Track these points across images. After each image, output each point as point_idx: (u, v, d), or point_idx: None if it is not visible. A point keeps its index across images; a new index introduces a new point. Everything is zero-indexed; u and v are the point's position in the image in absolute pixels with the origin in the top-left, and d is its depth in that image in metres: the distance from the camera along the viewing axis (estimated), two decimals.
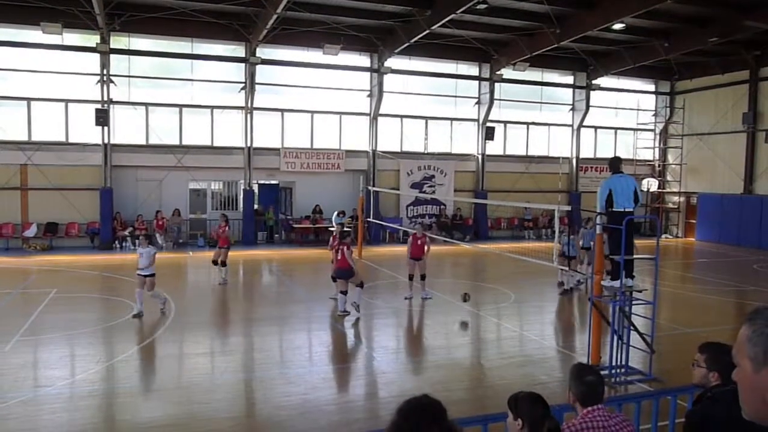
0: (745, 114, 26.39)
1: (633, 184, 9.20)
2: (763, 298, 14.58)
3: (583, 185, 28.86)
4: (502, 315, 13.26)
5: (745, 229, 25.73)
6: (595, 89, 28.44)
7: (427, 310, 13.36)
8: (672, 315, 13.46)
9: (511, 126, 28.31)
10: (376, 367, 9.70)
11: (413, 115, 26.57)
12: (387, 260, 20.05)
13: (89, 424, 7.17)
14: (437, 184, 26.68)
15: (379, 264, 17.95)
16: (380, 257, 20.10)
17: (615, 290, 8.82)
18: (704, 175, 28.73)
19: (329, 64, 24.27)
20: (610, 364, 8.84)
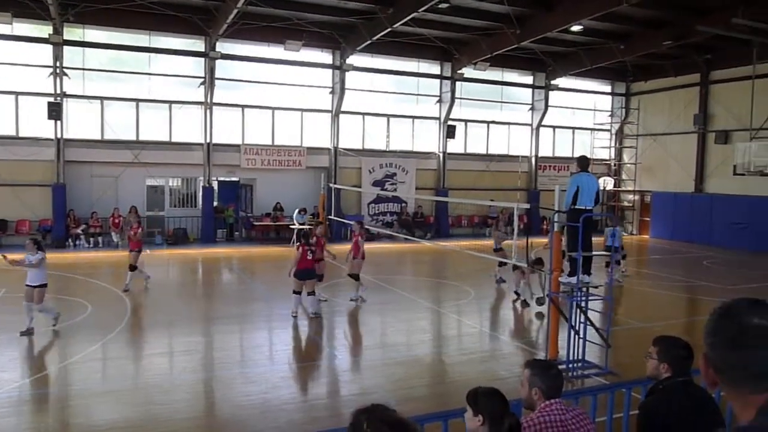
0: (696, 115, 27.17)
1: (597, 184, 9.46)
2: (713, 293, 15.04)
3: (541, 184, 29.31)
4: (463, 312, 13.38)
5: (696, 227, 26.50)
6: (553, 89, 28.92)
7: (388, 308, 13.40)
8: (627, 310, 13.79)
9: (472, 125, 28.57)
10: (337, 365, 9.69)
11: (375, 113, 26.59)
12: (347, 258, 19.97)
13: (40, 428, 6.98)
14: (399, 181, 26.76)
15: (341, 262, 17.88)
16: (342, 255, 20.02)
17: (572, 286, 9.00)
18: (658, 174, 29.50)
19: (291, 61, 24.09)
20: (568, 359, 9.02)
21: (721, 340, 1.56)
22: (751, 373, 1.51)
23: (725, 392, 1.60)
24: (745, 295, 1.65)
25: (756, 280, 17.59)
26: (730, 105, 25.64)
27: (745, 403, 1.52)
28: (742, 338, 1.52)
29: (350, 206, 26.02)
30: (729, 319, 1.57)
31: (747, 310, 1.56)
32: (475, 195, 26.03)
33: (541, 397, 3.36)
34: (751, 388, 1.50)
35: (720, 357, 1.56)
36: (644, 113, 30.29)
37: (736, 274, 18.84)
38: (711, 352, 1.59)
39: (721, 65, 26.08)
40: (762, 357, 1.50)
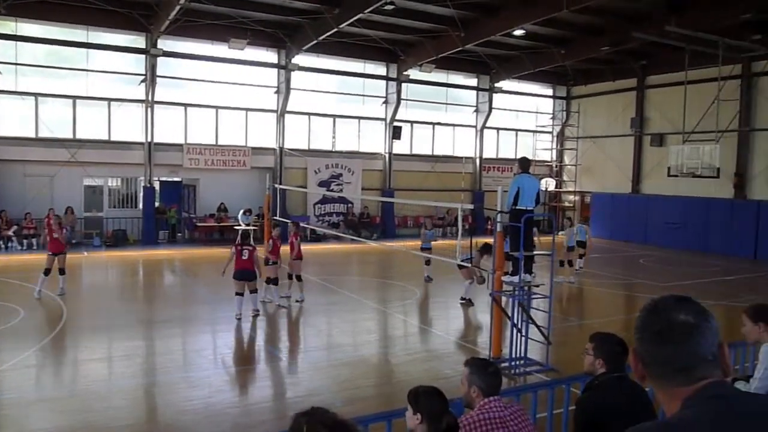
0: (633, 119, 28.16)
1: (537, 185, 9.65)
2: (649, 290, 15.60)
3: (486, 184, 29.76)
4: (408, 312, 13.47)
5: (632, 226, 27.42)
6: (497, 92, 29.43)
7: (334, 309, 13.36)
8: (568, 307, 14.16)
9: (418, 126, 28.79)
10: (282, 367, 9.60)
11: (321, 113, 26.48)
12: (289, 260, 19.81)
13: None
14: (345, 182, 26.74)
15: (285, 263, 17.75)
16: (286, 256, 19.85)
17: (515, 285, 9.18)
18: (597, 175, 30.40)
19: (235, 59, 23.74)
20: (511, 357, 9.19)
21: (649, 335, 1.61)
22: (677, 368, 1.57)
23: (653, 386, 1.66)
24: (678, 292, 1.72)
25: (688, 277, 18.34)
26: (665, 109, 26.65)
27: (671, 396, 1.58)
28: (669, 333, 1.58)
29: (296, 207, 25.83)
30: (656, 315, 1.63)
31: (673, 306, 1.62)
32: (420, 196, 26.22)
33: (479, 395, 3.41)
34: (676, 381, 1.56)
35: (648, 351, 1.62)
36: (584, 116, 31.16)
37: (670, 272, 19.58)
38: (640, 346, 1.64)
39: (656, 71, 27.08)
40: (686, 352, 1.57)
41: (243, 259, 11.99)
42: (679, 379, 1.56)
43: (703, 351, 1.57)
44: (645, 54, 26.39)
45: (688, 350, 1.57)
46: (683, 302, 1.63)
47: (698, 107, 22.96)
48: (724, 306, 14.24)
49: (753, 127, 23.96)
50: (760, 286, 17.57)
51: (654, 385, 1.64)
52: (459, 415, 3.46)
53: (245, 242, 12.51)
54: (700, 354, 1.57)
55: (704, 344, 1.58)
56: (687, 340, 1.57)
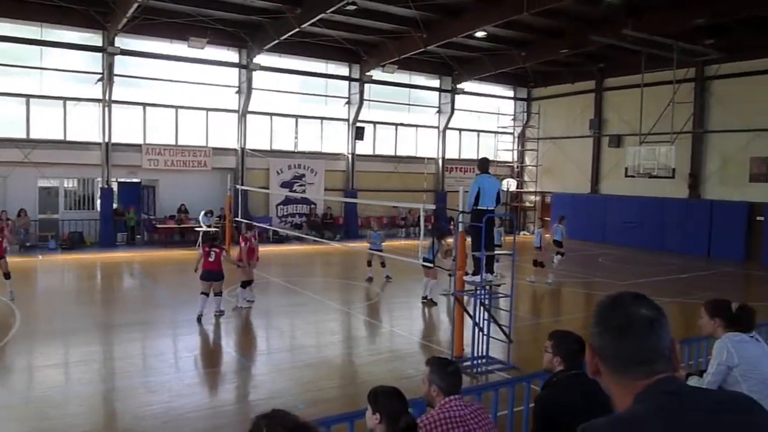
0: (592, 120, 28.72)
1: (498, 185, 9.76)
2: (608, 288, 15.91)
3: (448, 185, 29.96)
4: (372, 312, 13.49)
5: (591, 226, 27.93)
6: (459, 93, 29.67)
7: (297, 310, 13.29)
8: (530, 306, 14.36)
9: (381, 126, 28.85)
10: (244, 370, 9.51)
11: (283, 114, 26.31)
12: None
13: None
14: (307, 183, 26.61)
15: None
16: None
17: (476, 285, 9.27)
18: (557, 175, 30.91)
19: (195, 58, 23.40)
20: (473, 356, 9.27)
21: (608, 330, 1.64)
22: (636, 361, 1.60)
23: (607, 381, 1.68)
24: (635, 289, 1.76)
25: (645, 275, 18.78)
26: (622, 111, 27.23)
27: (625, 391, 1.61)
28: (629, 328, 1.62)
29: (258, 208, 25.61)
30: (615, 310, 1.66)
31: (632, 302, 1.67)
32: (383, 196, 26.24)
33: (439, 394, 3.44)
34: (633, 375, 1.60)
35: (608, 345, 1.64)
36: (544, 117, 31.64)
37: (628, 270, 20.02)
38: (598, 341, 1.67)
39: (613, 73, 27.66)
40: (647, 346, 1.61)
41: (210, 260, 12.03)
42: (638, 373, 1.60)
43: (662, 345, 1.62)
44: (603, 57, 26.93)
45: (648, 344, 1.61)
46: (640, 298, 1.68)
47: (654, 109, 23.50)
48: (679, 303, 14.63)
49: (706, 128, 24.67)
50: (713, 283, 18.09)
51: (609, 380, 1.67)
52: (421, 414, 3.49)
53: (214, 243, 12.49)
54: (659, 348, 1.62)
55: (663, 338, 1.63)
56: (647, 334, 1.62)
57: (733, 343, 4.38)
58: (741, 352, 4.32)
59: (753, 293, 17.87)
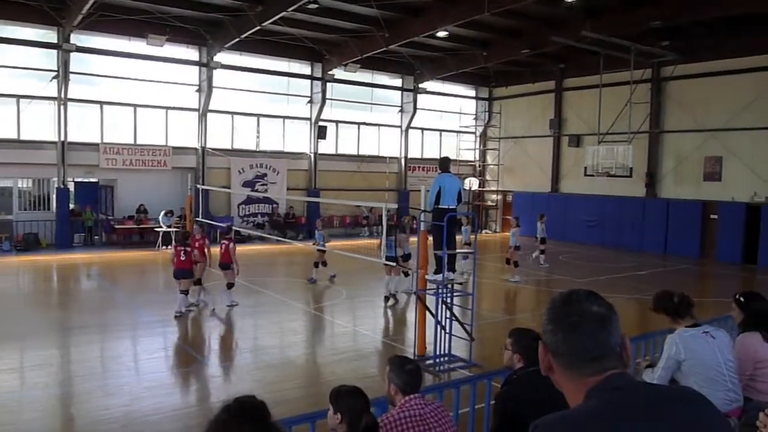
0: (552, 120, 29.17)
1: (459, 184, 9.83)
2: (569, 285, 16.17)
3: (411, 184, 30.09)
4: (335, 312, 13.47)
5: (552, 224, 28.25)
6: (421, 92, 29.80)
7: (260, 311, 13.21)
8: (491, 304, 14.53)
9: (343, 125, 28.80)
10: (206, 372, 9.41)
11: (245, 113, 26.07)
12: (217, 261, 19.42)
13: None
14: (270, 182, 26.42)
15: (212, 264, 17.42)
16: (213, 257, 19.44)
17: (438, 283, 9.34)
18: (518, 174, 31.31)
19: (154, 56, 23.00)
20: (435, 354, 9.34)
21: (562, 327, 1.67)
22: (590, 357, 1.64)
23: (560, 378, 1.71)
24: (594, 286, 1.81)
25: (604, 273, 19.18)
26: (581, 111, 27.73)
27: (577, 388, 1.65)
28: (584, 324, 1.66)
29: (219, 208, 25.32)
30: (570, 307, 1.70)
31: (585, 298, 1.71)
32: (346, 195, 26.22)
33: (398, 392, 3.46)
34: (585, 371, 1.64)
35: (562, 341, 1.67)
36: (506, 117, 32.02)
37: (588, 268, 20.41)
38: (552, 337, 1.69)
39: (573, 74, 28.14)
40: (600, 342, 1.65)
41: (181, 259, 12.28)
42: (591, 369, 1.63)
43: (612, 342, 1.66)
44: (563, 57, 27.38)
45: (602, 340, 1.65)
46: (592, 296, 1.73)
47: (612, 109, 24.02)
48: (637, 300, 14.98)
49: (662, 129, 25.28)
50: (669, 279, 18.58)
51: (562, 377, 1.70)
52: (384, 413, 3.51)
53: (185, 242, 12.64)
54: (609, 345, 1.66)
55: (614, 335, 1.67)
56: (601, 330, 1.65)
57: (682, 338, 4.51)
58: (688, 347, 4.46)
59: (706, 289, 18.42)
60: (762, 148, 22.18)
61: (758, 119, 22.11)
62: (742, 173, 22.72)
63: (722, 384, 4.42)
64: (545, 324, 1.73)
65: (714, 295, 16.50)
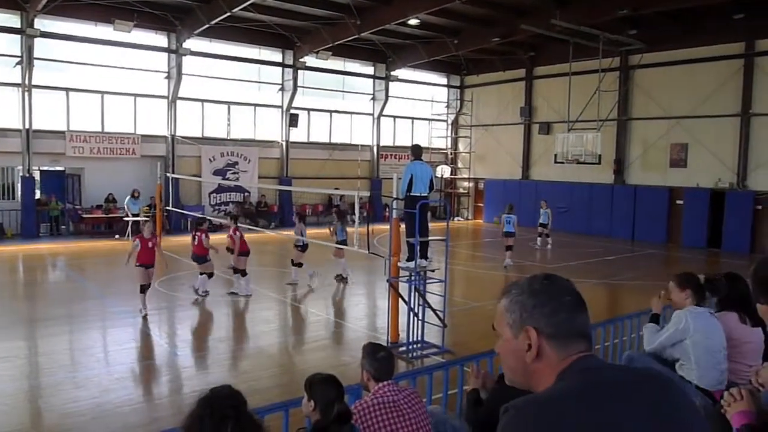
0: (522, 108, 29.35)
1: (430, 171, 9.83)
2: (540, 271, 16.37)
3: (383, 172, 30.07)
4: (309, 300, 13.43)
5: (523, 211, 28.41)
6: (393, 80, 29.73)
7: (231, 300, 13.10)
8: (463, 291, 14.63)
9: (315, 113, 28.61)
10: (178, 363, 9.30)
11: (215, 100, 25.72)
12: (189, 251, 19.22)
13: None
14: (241, 170, 26.16)
15: (180, 254, 17.19)
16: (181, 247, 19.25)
17: (411, 270, 9.35)
18: (490, 162, 31.49)
19: (121, 42, 22.51)
20: (408, 341, 9.37)
21: (563, 305, 1.66)
22: (583, 333, 1.66)
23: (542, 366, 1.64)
24: (565, 272, 1.80)
25: (574, 258, 19.43)
26: (551, 99, 27.94)
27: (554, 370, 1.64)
28: (576, 302, 1.68)
29: (190, 197, 25.02)
30: (559, 287, 1.70)
31: (562, 279, 1.73)
32: (318, 184, 26.15)
33: (371, 379, 3.46)
34: (577, 348, 1.64)
35: (565, 320, 1.64)
36: (477, 105, 32.12)
37: (558, 254, 20.65)
38: (550, 318, 1.64)
39: (543, 62, 28.31)
40: (587, 319, 1.69)
41: (194, 244, 12.69)
42: (581, 346, 1.65)
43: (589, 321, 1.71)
44: (533, 46, 27.52)
45: (587, 317, 1.69)
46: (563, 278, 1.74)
47: (581, 97, 24.25)
48: (605, 284, 15.22)
49: (630, 116, 25.63)
50: (637, 265, 18.90)
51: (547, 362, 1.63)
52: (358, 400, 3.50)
53: (197, 229, 12.94)
54: (589, 323, 1.70)
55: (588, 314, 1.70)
56: (585, 308, 1.69)
57: (693, 314, 4.69)
58: (698, 324, 4.64)
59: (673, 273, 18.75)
60: (725, 135, 22.65)
61: (721, 107, 22.58)
62: (707, 160, 23.17)
63: (719, 363, 4.62)
64: (536, 307, 1.67)
65: None
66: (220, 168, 25.63)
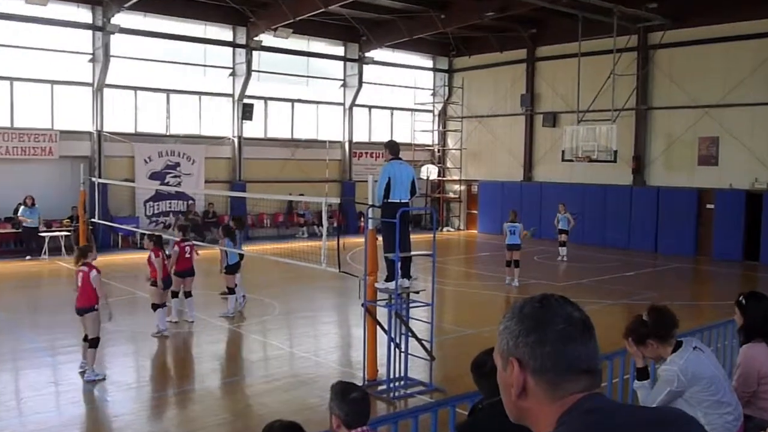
0: (523, 96, 29.60)
1: (411, 173, 9.86)
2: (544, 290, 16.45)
3: (357, 173, 30.07)
4: (268, 330, 13.37)
5: (526, 219, 28.59)
6: (368, 63, 29.81)
7: (171, 331, 12.96)
8: (454, 316, 14.67)
9: (274, 103, 28.60)
10: (108, 409, 9.20)
11: (150, 87, 25.58)
12: (121, 271, 19.07)
13: None
14: (183, 173, 26.01)
15: (111, 277, 16.99)
16: (114, 267, 19.07)
17: (390, 293, 9.35)
18: (485, 161, 31.68)
19: (35, 17, 22.30)
20: (388, 378, 9.36)
21: (550, 334, 1.63)
22: (580, 369, 1.62)
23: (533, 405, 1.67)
24: (576, 291, 1.80)
25: (586, 274, 19.58)
26: (557, 85, 28.24)
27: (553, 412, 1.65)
28: (573, 331, 1.64)
29: (121, 206, 24.80)
30: (552, 312, 1.67)
31: (564, 303, 1.70)
32: (278, 189, 26.05)
33: (341, 426, 3.45)
34: (574, 388, 1.62)
35: (550, 354, 1.62)
36: (469, 92, 32.32)
37: (567, 269, 20.82)
38: (534, 350, 1.63)
39: (547, 41, 28.62)
40: (589, 351, 1.64)
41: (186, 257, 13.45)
42: (580, 385, 1.62)
43: (598, 353, 1.67)
44: (535, 21, 27.81)
45: (591, 350, 1.64)
46: (567, 300, 1.73)
47: (593, 83, 24.49)
48: (625, 305, 15.37)
49: (650, 105, 25.96)
50: (660, 281, 19.12)
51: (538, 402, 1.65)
52: None
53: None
54: (598, 356, 1.66)
55: (597, 345, 1.67)
56: (589, 338, 1.65)
57: (682, 368, 4.48)
58: (689, 374, 4.45)
59: (703, 291, 19.03)
60: (763, 126, 22.96)
61: (760, 93, 22.84)
62: (742, 156, 23.50)
63: (727, 404, 4.51)
64: (520, 335, 1.68)
65: (712, 298, 17.07)
66: (158, 171, 25.45)
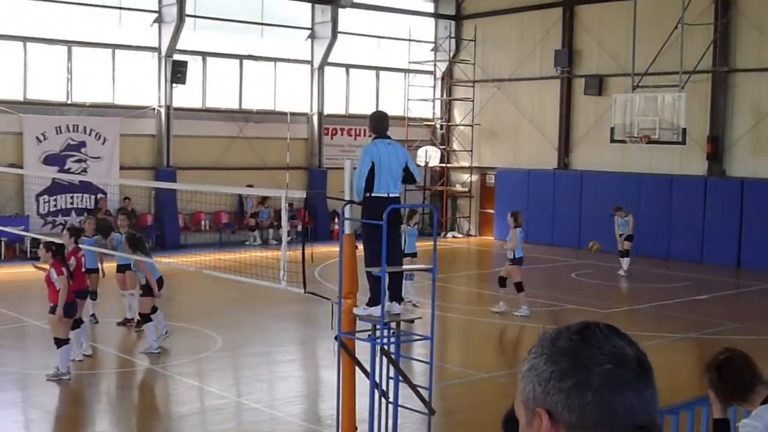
0: (558, 52, 29.50)
1: (404, 157, 9.77)
2: (584, 318, 16.49)
3: (329, 157, 29.96)
4: (205, 372, 13.39)
5: (561, 222, 28.71)
6: (345, 6, 29.71)
7: (75, 374, 12.95)
8: (462, 354, 14.70)
9: (215, 60, 28.53)
10: None
11: (46, 38, 25.51)
12: (6, 291, 19.07)
13: None
14: (91, 157, 25.91)
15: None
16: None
17: (375, 321, 9.32)
18: (505, 141, 31.59)
19: None
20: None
21: (594, 378, 1.59)
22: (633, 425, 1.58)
23: None
24: (629, 319, 1.81)
25: (642, 298, 19.61)
26: (604, 38, 28.24)
27: None
28: (622, 374, 1.64)
29: (5, 201, 24.71)
30: (595, 347, 1.67)
31: (611, 335, 1.70)
32: (221, 178, 25.97)
33: None
34: None
35: (592, 405, 1.60)
36: (483, 47, 32.15)
37: (617, 290, 20.86)
38: (571, 399, 1.59)
39: None
40: (645, 402, 1.62)
41: None
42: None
43: (657, 402, 1.67)
44: None
45: (647, 399, 1.63)
46: (616, 330, 1.73)
47: (655, 36, 24.47)
48: (694, 341, 15.43)
49: (733, 66, 25.95)
50: (745, 307, 19.18)
51: None
52: None
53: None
54: (656, 407, 1.66)
55: (657, 392, 1.68)
56: (647, 383, 1.64)
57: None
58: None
59: None
60: None
61: None
62: None
63: None
64: (552, 378, 1.64)
65: None
66: (56, 153, 25.35)
